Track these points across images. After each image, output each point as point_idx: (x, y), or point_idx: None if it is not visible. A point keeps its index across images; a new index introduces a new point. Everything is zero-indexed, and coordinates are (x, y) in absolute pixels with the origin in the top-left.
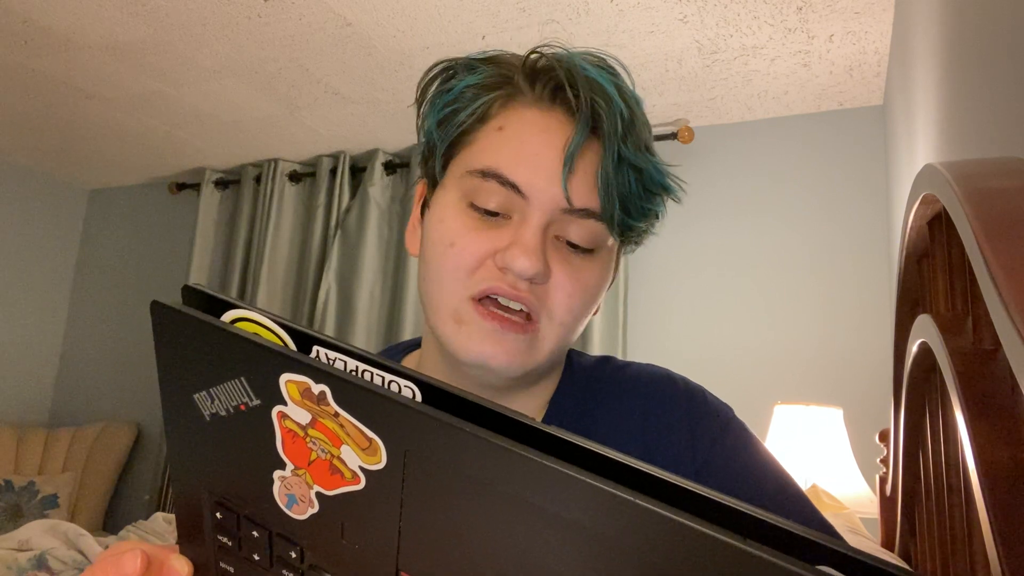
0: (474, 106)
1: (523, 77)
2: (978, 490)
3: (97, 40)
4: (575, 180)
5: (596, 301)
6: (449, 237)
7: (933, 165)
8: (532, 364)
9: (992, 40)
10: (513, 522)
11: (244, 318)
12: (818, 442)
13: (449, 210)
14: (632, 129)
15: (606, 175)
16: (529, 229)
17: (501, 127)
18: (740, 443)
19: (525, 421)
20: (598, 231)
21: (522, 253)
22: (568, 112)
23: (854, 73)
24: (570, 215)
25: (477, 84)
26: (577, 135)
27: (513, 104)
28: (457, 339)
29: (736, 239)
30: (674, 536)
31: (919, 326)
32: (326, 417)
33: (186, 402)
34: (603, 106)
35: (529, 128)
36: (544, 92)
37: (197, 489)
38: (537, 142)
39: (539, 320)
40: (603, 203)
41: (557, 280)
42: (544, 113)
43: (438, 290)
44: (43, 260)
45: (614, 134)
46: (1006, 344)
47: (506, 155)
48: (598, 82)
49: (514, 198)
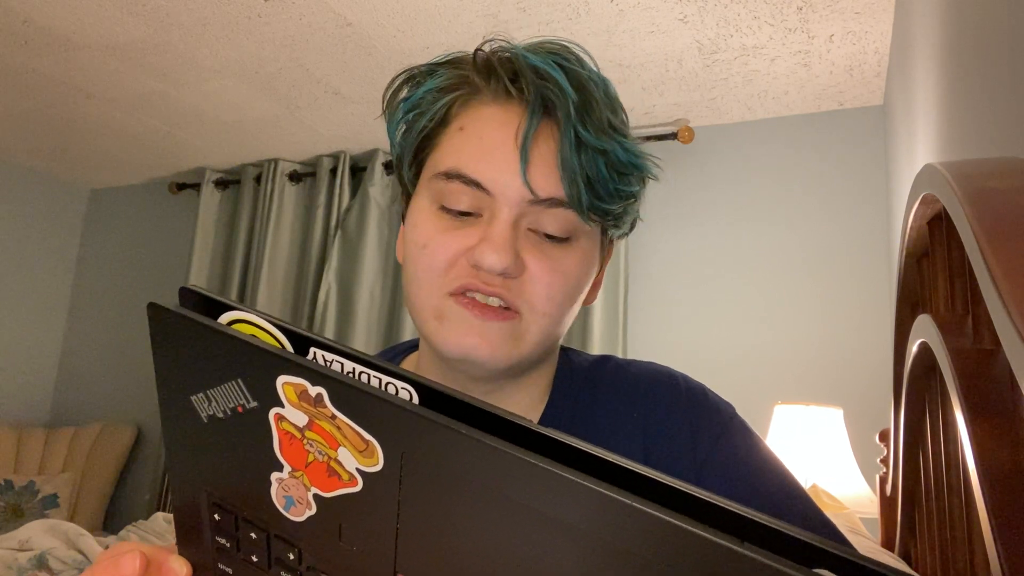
0: (434, 109)
1: (477, 75)
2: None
3: (97, 40)
4: (535, 170)
5: (580, 289)
6: (422, 239)
7: (933, 165)
8: (517, 355)
9: (992, 40)
10: (510, 524)
11: (241, 320)
12: (818, 442)
13: (422, 214)
14: (588, 111)
15: (564, 160)
16: (497, 225)
17: (462, 127)
18: (741, 441)
19: (522, 423)
20: (571, 219)
21: (490, 249)
22: (524, 104)
23: (854, 73)
24: (538, 206)
25: (437, 88)
26: (526, 123)
27: (472, 103)
28: (440, 334)
29: (736, 239)
30: (671, 539)
31: (919, 326)
32: (323, 419)
33: (183, 404)
34: (552, 90)
35: (487, 124)
36: (499, 87)
37: (195, 490)
38: (496, 137)
39: (520, 311)
40: (567, 189)
41: (532, 272)
42: (501, 108)
43: (417, 291)
44: (43, 260)
45: (567, 118)
46: (1006, 344)
47: (467, 154)
48: (543, 68)
49: (481, 196)
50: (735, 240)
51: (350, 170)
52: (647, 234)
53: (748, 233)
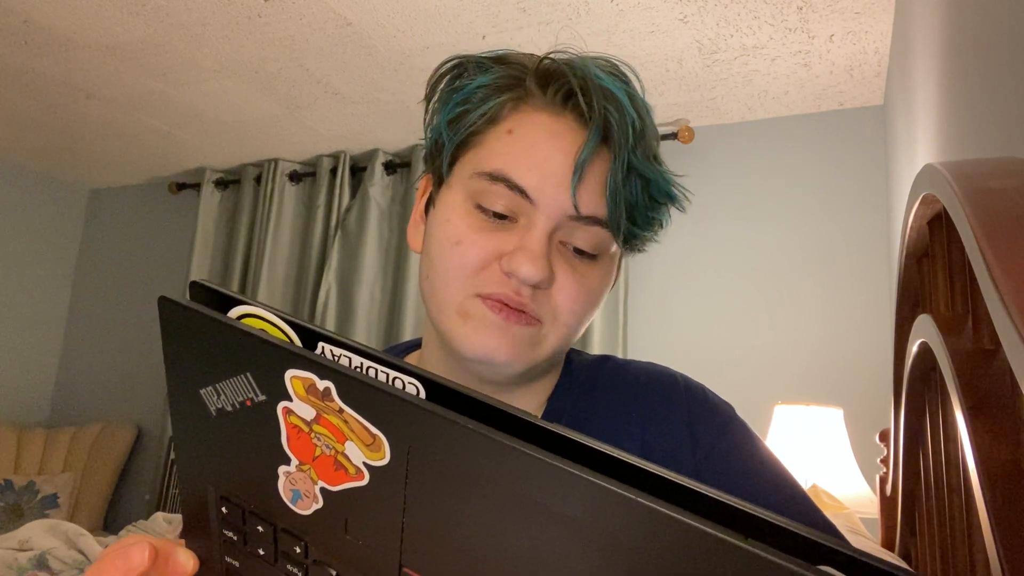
0: (485, 107)
1: (534, 81)
2: (978, 490)
3: (97, 40)
4: (584, 188)
5: (598, 304)
6: (455, 235)
7: (933, 165)
8: (533, 361)
9: (992, 40)
10: (515, 519)
11: (251, 314)
12: (818, 442)
13: (456, 210)
14: (642, 139)
15: (615, 184)
16: (535, 235)
17: (511, 130)
18: (741, 441)
19: (528, 419)
20: (603, 238)
21: (528, 259)
22: (579, 118)
23: (854, 73)
24: (576, 222)
25: (488, 85)
26: (589, 143)
27: (524, 107)
28: (462, 333)
29: (736, 239)
30: (675, 534)
31: (919, 326)
32: (330, 413)
33: (193, 397)
34: (615, 115)
35: (539, 133)
36: (556, 97)
37: (203, 484)
38: (547, 147)
39: (543, 320)
40: (610, 212)
41: (560, 284)
42: (555, 118)
43: (444, 287)
44: (43, 260)
45: (624, 143)
46: (1006, 344)
47: (515, 159)
48: (611, 90)
49: (521, 202)
50: (735, 240)
51: (350, 170)
52: None
53: (748, 233)
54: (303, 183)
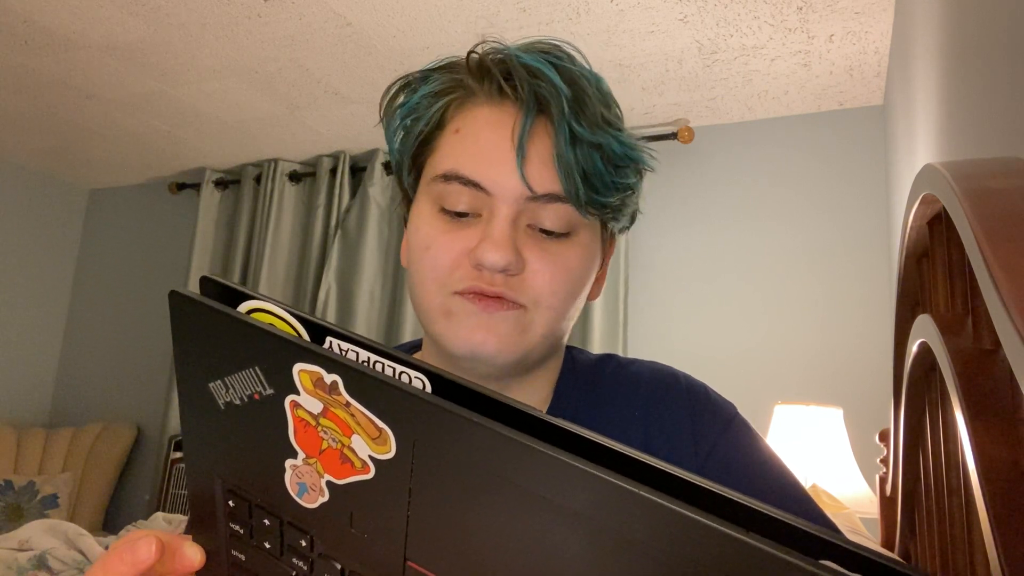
0: (430, 113)
1: (471, 78)
2: (978, 490)
3: (97, 40)
4: (531, 166)
5: (583, 283)
6: (425, 241)
7: (933, 165)
8: (524, 349)
9: (992, 40)
10: (520, 513)
11: (260, 309)
12: (818, 442)
13: (423, 218)
14: (582, 106)
15: (560, 155)
16: (497, 222)
17: (457, 129)
18: (743, 441)
19: (533, 413)
20: (569, 213)
21: (491, 247)
22: (517, 103)
23: (854, 73)
24: (536, 202)
25: (431, 92)
26: (524, 121)
27: (467, 105)
28: (449, 333)
29: (736, 239)
30: (679, 529)
31: (919, 326)
32: (337, 407)
33: (201, 391)
34: (545, 88)
35: (482, 125)
36: (492, 88)
37: (210, 477)
38: (491, 137)
39: (525, 306)
40: (564, 184)
41: (533, 267)
42: (495, 108)
43: (424, 292)
44: (43, 260)
45: (561, 114)
46: (1006, 344)
47: (464, 155)
48: (534, 66)
49: (480, 196)
50: (735, 240)
51: (350, 170)
52: (647, 234)
53: (748, 233)
54: (303, 183)
